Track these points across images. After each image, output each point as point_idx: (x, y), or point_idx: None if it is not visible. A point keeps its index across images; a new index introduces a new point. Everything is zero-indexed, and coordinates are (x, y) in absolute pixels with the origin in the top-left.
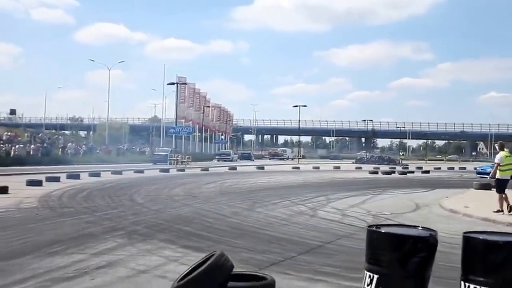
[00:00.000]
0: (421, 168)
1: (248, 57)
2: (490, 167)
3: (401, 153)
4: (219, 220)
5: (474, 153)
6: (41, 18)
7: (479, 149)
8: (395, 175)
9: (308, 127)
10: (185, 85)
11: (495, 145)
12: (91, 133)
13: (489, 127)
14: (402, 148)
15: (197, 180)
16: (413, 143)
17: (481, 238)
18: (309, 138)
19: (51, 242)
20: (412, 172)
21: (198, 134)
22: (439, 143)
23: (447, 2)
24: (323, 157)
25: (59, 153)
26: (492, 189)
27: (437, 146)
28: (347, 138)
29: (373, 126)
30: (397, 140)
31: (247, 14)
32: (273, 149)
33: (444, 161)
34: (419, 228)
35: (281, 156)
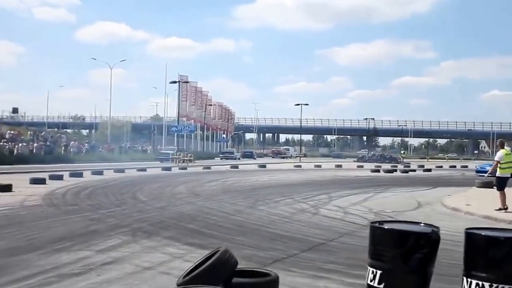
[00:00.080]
0: (422, 166)
1: (249, 56)
2: (489, 166)
3: (402, 152)
4: (222, 217)
5: (476, 152)
6: (43, 17)
7: (481, 147)
8: (397, 174)
9: (309, 126)
10: (187, 83)
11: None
12: (93, 131)
13: (491, 125)
14: (403, 146)
15: (199, 178)
16: (415, 141)
17: (483, 234)
18: (310, 137)
19: (57, 239)
20: (414, 170)
21: (199, 133)
22: (441, 141)
23: (450, 0)
24: (324, 156)
25: (61, 152)
26: (494, 187)
27: (438, 144)
28: (348, 137)
29: (375, 124)
30: (399, 138)
31: (249, 12)
32: (276, 147)
33: (446, 160)
34: (421, 224)
35: (284, 154)
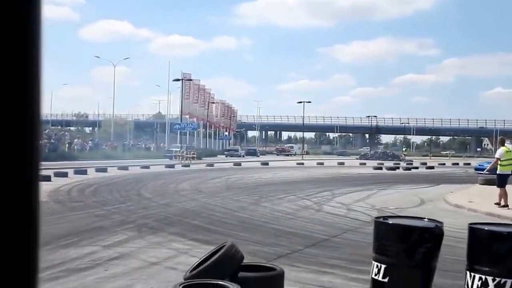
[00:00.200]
0: (425, 164)
1: (251, 53)
2: (488, 164)
3: (403, 149)
4: (226, 214)
5: (479, 149)
6: (48, 15)
7: (484, 145)
8: (400, 171)
9: (312, 123)
10: (190, 81)
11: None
12: (96, 129)
13: (495, 123)
14: (406, 144)
15: (203, 175)
16: (417, 139)
17: (486, 229)
18: (312, 134)
19: (63, 234)
20: (417, 167)
21: (202, 130)
22: (444, 139)
23: None
24: (327, 153)
25: (65, 149)
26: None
27: (441, 142)
28: (350, 134)
29: (377, 122)
30: (401, 136)
31: (251, 10)
32: (280, 145)
33: (448, 157)
34: (425, 219)
35: (288, 152)
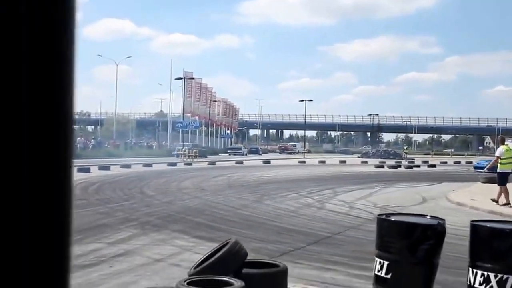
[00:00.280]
0: (427, 162)
1: (253, 52)
2: (486, 162)
3: (405, 147)
4: (229, 211)
5: (480, 148)
6: None
7: (486, 143)
8: (401, 169)
9: (313, 122)
10: (192, 80)
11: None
12: (98, 127)
13: (496, 121)
14: (407, 142)
15: (205, 173)
16: (419, 137)
17: (488, 226)
18: (314, 133)
19: None
20: (418, 166)
21: (204, 129)
22: (445, 137)
23: None
24: (328, 152)
25: None
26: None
27: (443, 140)
28: (352, 133)
29: (379, 120)
30: (403, 134)
31: (253, 8)
32: (283, 143)
33: (450, 155)
34: (427, 217)
35: (291, 150)
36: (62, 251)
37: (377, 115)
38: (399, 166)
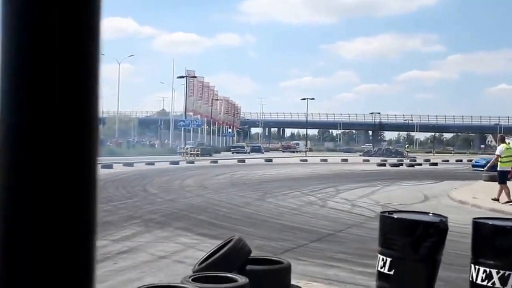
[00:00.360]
0: (428, 160)
1: (255, 50)
2: (484, 160)
3: (406, 146)
4: (231, 209)
5: (482, 146)
6: None
7: (488, 141)
8: (403, 167)
9: (315, 120)
10: (194, 78)
11: (507, 138)
12: (100, 126)
13: (499, 119)
14: (409, 141)
15: (207, 172)
16: (421, 136)
17: (490, 223)
18: (315, 131)
19: None
20: (420, 164)
21: (206, 127)
22: (447, 135)
23: None
24: (330, 150)
25: None
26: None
27: (445, 139)
28: (354, 131)
29: (381, 119)
30: (405, 133)
31: (254, 7)
32: (286, 142)
33: (452, 154)
34: (430, 214)
35: (294, 148)
36: (88, 243)
37: (379, 113)
38: (401, 165)
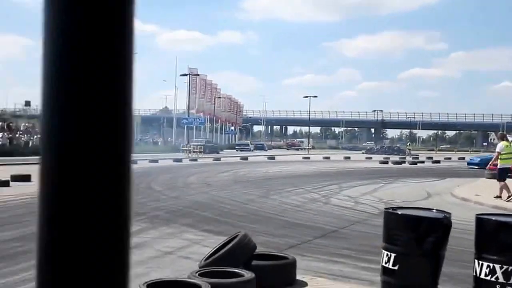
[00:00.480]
0: (431, 158)
1: (257, 48)
2: (479, 158)
3: (408, 144)
4: (235, 206)
5: (485, 144)
6: None
7: (491, 139)
8: (406, 165)
9: (317, 118)
10: (196, 76)
11: (507, 135)
12: None
13: (501, 117)
14: (412, 139)
15: (211, 169)
16: (423, 133)
17: (493, 219)
18: (318, 129)
19: None
20: (423, 162)
21: (208, 125)
22: (450, 133)
23: None
24: (332, 148)
25: None
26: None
27: (447, 136)
28: (356, 129)
29: (383, 116)
30: (407, 130)
31: (256, 4)
32: (290, 140)
33: (454, 152)
34: (433, 210)
35: (298, 146)
36: (122, 240)
37: (381, 111)
38: (404, 162)
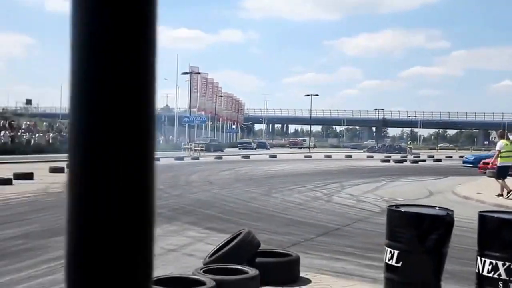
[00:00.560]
0: (432, 156)
1: (258, 47)
2: (473, 156)
3: (408, 142)
4: (238, 204)
5: (486, 142)
6: (54, 9)
7: (492, 138)
8: (407, 164)
9: (319, 116)
10: (198, 74)
11: (509, 134)
12: None
13: (502, 115)
14: (413, 137)
15: (212, 167)
16: (425, 132)
17: (496, 216)
18: (319, 128)
19: None
20: (424, 160)
21: (210, 123)
22: (451, 132)
23: None
24: (333, 146)
25: None
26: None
27: (448, 135)
28: (357, 127)
29: (384, 115)
30: (408, 129)
31: (257, 3)
32: (293, 138)
33: (455, 150)
34: (436, 208)
35: (301, 145)
36: (146, 234)
37: (383, 109)
38: (405, 161)
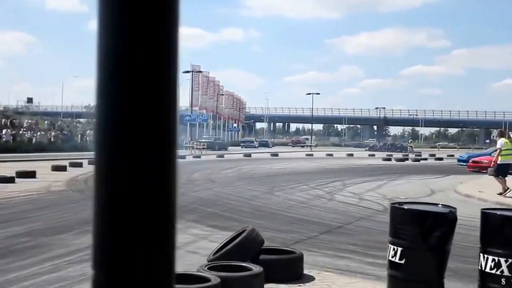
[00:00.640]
0: (434, 155)
1: (259, 45)
2: (467, 155)
3: (409, 141)
4: (240, 202)
5: (487, 141)
6: (55, 7)
7: (493, 136)
8: (409, 162)
9: (320, 115)
10: (199, 73)
11: (510, 133)
12: None
13: (503, 114)
14: (414, 136)
15: (214, 166)
16: (426, 131)
17: (498, 213)
18: (320, 126)
19: (86, 220)
20: (425, 159)
21: (211, 122)
22: (452, 131)
23: None
24: (335, 145)
25: (78, 141)
26: (508, 175)
27: (449, 134)
28: (359, 126)
29: (385, 114)
30: (410, 128)
31: (258, 1)
32: (296, 137)
33: (457, 149)
34: (439, 205)
35: (303, 143)
36: (168, 229)
37: (384, 108)
38: (407, 159)
